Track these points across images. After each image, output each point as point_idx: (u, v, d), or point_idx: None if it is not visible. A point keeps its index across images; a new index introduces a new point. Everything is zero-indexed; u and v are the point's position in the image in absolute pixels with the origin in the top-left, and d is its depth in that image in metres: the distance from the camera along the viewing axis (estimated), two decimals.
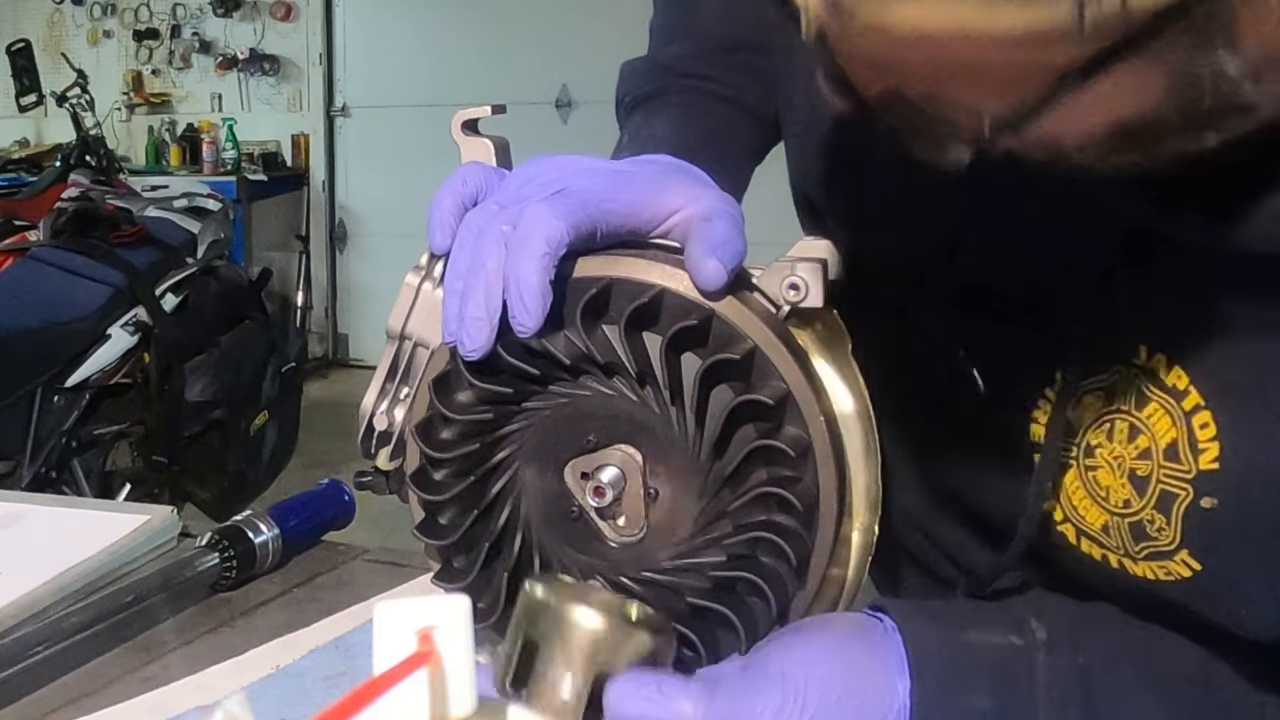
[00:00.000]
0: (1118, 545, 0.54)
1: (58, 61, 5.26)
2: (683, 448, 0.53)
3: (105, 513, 0.97)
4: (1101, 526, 0.54)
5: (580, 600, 0.49)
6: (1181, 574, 0.52)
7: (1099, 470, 0.54)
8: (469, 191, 0.56)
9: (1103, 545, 0.55)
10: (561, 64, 5.57)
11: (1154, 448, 0.52)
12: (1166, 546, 0.52)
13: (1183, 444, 0.51)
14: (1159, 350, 0.51)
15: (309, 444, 3.70)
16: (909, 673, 0.51)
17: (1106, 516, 0.54)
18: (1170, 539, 0.52)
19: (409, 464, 0.56)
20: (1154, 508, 0.52)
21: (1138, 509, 0.53)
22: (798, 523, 0.52)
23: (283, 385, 3.27)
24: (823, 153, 0.65)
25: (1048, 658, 0.52)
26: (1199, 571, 0.51)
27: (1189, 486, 0.51)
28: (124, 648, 0.77)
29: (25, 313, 2.82)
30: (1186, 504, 0.51)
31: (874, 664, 0.51)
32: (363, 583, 0.89)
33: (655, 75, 0.78)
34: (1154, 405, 0.52)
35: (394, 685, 0.34)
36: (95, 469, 2.93)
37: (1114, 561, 0.55)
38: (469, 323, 0.51)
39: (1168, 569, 0.52)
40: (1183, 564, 0.52)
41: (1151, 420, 0.52)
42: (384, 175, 6.03)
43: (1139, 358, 0.52)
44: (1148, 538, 0.53)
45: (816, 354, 0.57)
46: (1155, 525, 0.52)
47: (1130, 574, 0.54)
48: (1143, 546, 0.53)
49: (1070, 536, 0.56)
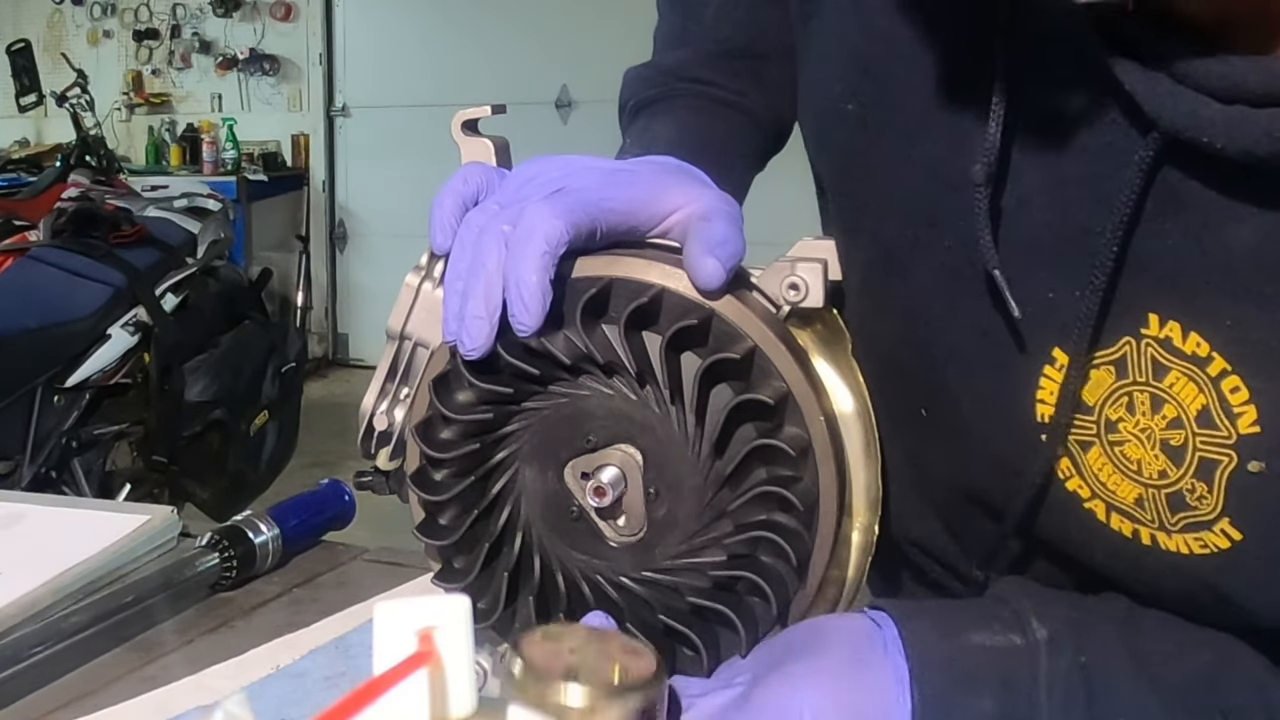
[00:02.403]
0: (1152, 518, 0.53)
1: (58, 61, 5.26)
2: (683, 447, 0.53)
3: (105, 513, 0.96)
4: (1135, 500, 0.54)
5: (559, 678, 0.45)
6: (1219, 545, 0.51)
7: (1126, 444, 0.53)
8: (470, 191, 0.56)
9: (1135, 519, 0.54)
10: (561, 64, 5.57)
11: (1184, 416, 0.51)
12: (1207, 515, 0.51)
13: (1215, 409, 0.50)
14: (1172, 318, 0.51)
15: (309, 444, 3.70)
16: (910, 679, 0.51)
17: (1140, 489, 0.53)
18: (1211, 507, 0.51)
19: (409, 464, 0.56)
20: (1194, 476, 0.51)
21: (1175, 479, 0.52)
22: (798, 522, 0.52)
23: (283, 385, 3.27)
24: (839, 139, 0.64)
25: (1050, 659, 0.52)
26: (1238, 542, 0.51)
27: (1232, 452, 0.50)
28: (124, 648, 0.77)
29: (25, 313, 2.82)
30: (1231, 469, 0.50)
31: (874, 693, 0.51)
32: (363, 583, 0.89)
33: (658, 80, 0.78)
34: (1175, 373, 0.51)
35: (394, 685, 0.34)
36: (95, 469, 2.93)
37: (1145, 537, 0.54)
38: (469, 322, 0.51)
39: (1204, 540, 0.52)
40: (1222, 534, 0.51)
41: (1175, 389, 0.51)
42: (384, 175, 6.03)
43: (1149, 327, 0.51)
44: (1186, 507, 0.52)
45: (816, 354, 0.57)
46: (1196, 494, 0.51)
47: (1162, 549, 0.53)
48: (1180, 517, 0.52)
49: (1100, 514, 0.55)
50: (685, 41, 0.79)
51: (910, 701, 0.51)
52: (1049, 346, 0.54)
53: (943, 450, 0.62)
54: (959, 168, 0.54)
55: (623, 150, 0.72)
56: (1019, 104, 0.52)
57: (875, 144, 0.60)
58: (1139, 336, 0.52)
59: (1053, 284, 0.53)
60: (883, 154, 0.60)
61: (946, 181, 0.56)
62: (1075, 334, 0.52)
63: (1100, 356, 0.53)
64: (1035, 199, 0.54)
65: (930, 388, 0.61)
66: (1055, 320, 0.54)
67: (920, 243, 0.58)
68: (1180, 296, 0.50)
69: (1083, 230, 0.52)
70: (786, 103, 0.75)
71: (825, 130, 0.65)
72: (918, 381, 0.61)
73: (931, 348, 0.59)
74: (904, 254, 0.59)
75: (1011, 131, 0.53)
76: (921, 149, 0.58)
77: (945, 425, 0.61)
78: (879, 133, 0.60)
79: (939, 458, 0.63)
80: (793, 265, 0.55)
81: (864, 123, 0.60)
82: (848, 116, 0.61)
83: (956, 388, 0.59)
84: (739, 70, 0.77)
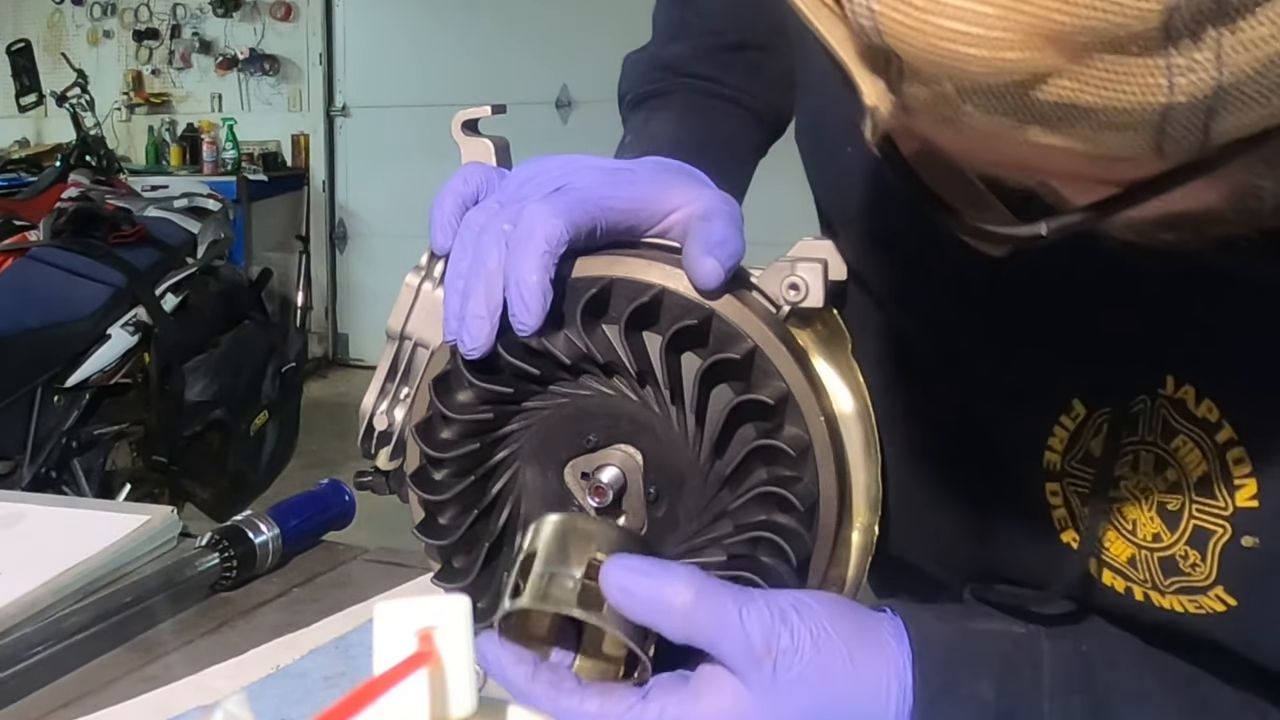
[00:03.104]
0: (1145, 578, 0.52)
1: (58, 61, 5.26)
2: (683, 447, 0.53)
3: (105, 513, 0.96)
4: (1128, 559, 0.53)
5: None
6: (1214, 609, 0.51)
7: (1125, 502, 0.52)
8: (470, 191, 0.56)
9: (1128, 578, 0.53)
10: (561, 64, 5.57)
11: (1184, 481, 0.50)
12: (1200, 582, 0.50)
13: (1216, 479, 0.49)
14: (1187, 381, 0.50)
15: (309, 444, 3.70)
16: (910, 658, 0.51)
17: (1133, 550, 0.52)
18: (1205, 575, 0.50)
19: (409, 464, 0.56)
20: (1187, 543, 0.50)
21: (1169, 543, 0.51)
22: (798, 522, 0.52)
23: (283, 385, 3.27)
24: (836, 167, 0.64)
25: (1052, 645, 0.52)
26: (1234, 607, 0.50)
27: (1227, 524, 0.49)
28: (124, 648, 0.77)
29: (25, 313, 2.82)
30: (1224, 541, 0.49)
31: (874, 668, 0.50)
32: (363, 583, 0.89)
33: (657, 74, 0.78)
34: (1182, 437, 0.50)
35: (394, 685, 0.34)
36: (95, 469, 2.93)
37: (1139, 594, 0.53)
38: (470, 321, 0.51)
39: (1199, 603, 0.51)
40: (1216, 599, 0.50)
41: (1180, 453, 0.50)
42: (384, 175, 6.02)
43: (1165, 388, 0.51)
44: (1179, 573, 0.51)
45: (816, 354, 0.57)
46: (1189, 561, 0.50)
47: (1156, 606, 0.53)
48: (1173, 581, 0.51)
49: (1091, 569, 0.54)
50: (684, 33, 0.79)
51: (912, 676, 0.50)
52: (1070, 396, 0.54)
53: (941, 484, 0.62)
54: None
55: (622, 146, 0.72)
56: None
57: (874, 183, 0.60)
58: (1155, 396, 0.51)
59: (1081, 331, 0.53)
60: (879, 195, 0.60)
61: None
62: (1098, 387, 0.52)
63: (1114, 412, 0.53)
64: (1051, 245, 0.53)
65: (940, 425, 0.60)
66: (1080, 370, 0.53)
67: (934, 273, 0.58)
68: (1200, 359, 0.50)
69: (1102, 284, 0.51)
70: (785, 95, 0.75)
71: (825, 165, 0.66)
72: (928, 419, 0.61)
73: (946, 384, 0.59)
74: (913, 285, 0.59)
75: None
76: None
77: (948, 459, 0.61)
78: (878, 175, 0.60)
79: (937, 491, 0.63)
80: (793, 265, 0.55)
81: (863, 169, 0.60)
82: (848, 160, 0.61)
83: (968, 424, 0.59)
84: (737, 64, 0.77)
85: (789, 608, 0.49)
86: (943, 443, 0.62)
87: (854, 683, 0.49)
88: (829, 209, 0.68)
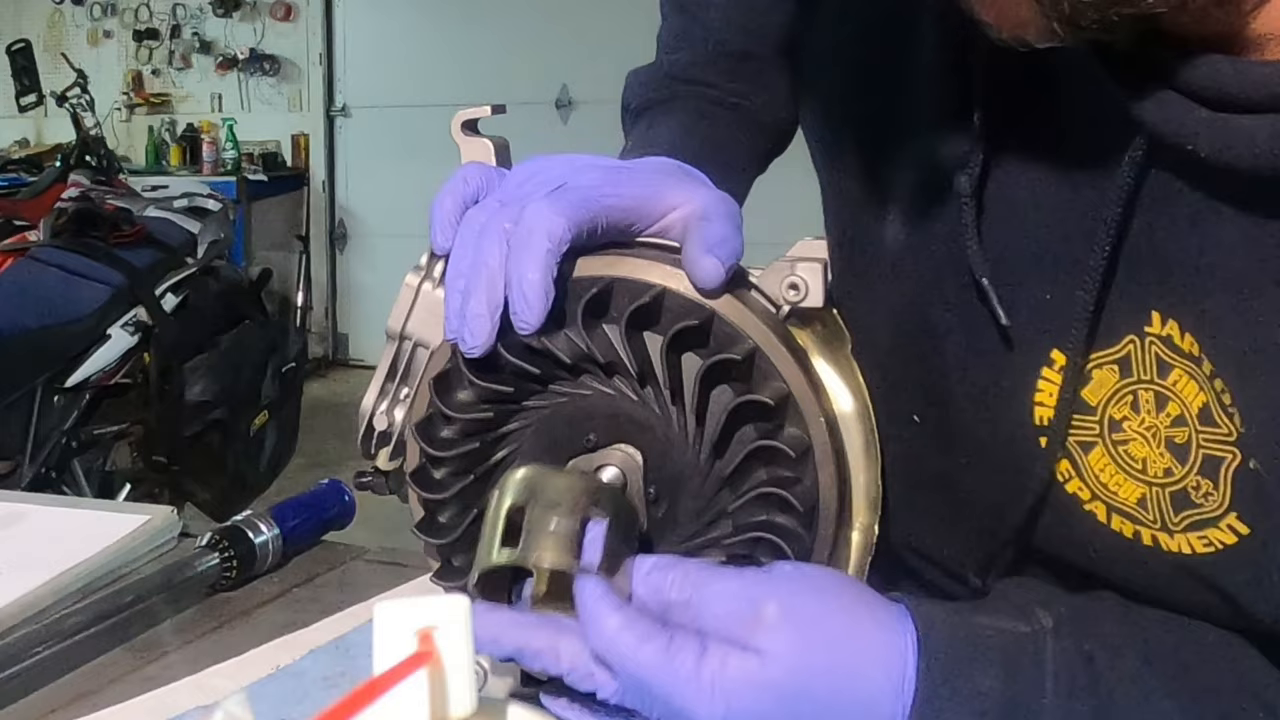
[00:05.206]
0: (1154, 519, 0.53)
1: (58, 61, 5.25)
2: (683, 448, 0.53)
3: (105, 513, 0.96)
4: (1138, 500, 0.53)
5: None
6: (1225, 541, 0.51)
7: (1131, 443, 0.53)
8: (470, 191, 0.56)
9: (1137, 520, 0.54)
10: (561, 64, 5.57)
11: (1186, 414, 0.51)
12: (1213, 512, 0.51)
13: (1215, 407, 0.50)
14: (1171, 316, 0.50)
15: (309, 444, 3.70)
16: (915, 646, 0.50)
17: (1144, 489, 0.53)
18: (1218, 503, 0.51)
19: (409, 462, 0.56)
20: (1199, 473, 0.51)
21: (1180, 476, 0.52)
22: (798, 523, 0.52)
23: (283, 385, 3.27)
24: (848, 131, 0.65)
25: (1055, 643, 0.52)
26: (1245, 536, 0.50)
27: (1235, 449, 0.50)
28: (124, 648, 0.77)
29: (25, 313, 2.82)
30: (1235, 466, 0.50)
31: (876, 650, 0.50)
32: (363, 583, 0.89)
33: (660, 83, 0.78)
34: (1178, 371, 0.51)
35: (394, 685, 0.34)
36: (95, 469, 2.94)
37: (1146, 538, 0.54)
38: (471, 319, 0.51)
39: (1208, 538, 0.51)
40: (1228, 529, 0.51)
41: (1178, 387, 0.51)
42: (384, 175, 6.03)
43: (1152, 325, 0.51)
44: (1191, 505, 0.52)
45: (816, 354, 0.57)
46: (1201, 490, 0.51)
47: (1164, 550, 0.53)
48: (1184, 516, 0.52)
49: (1100, 515, 0.55)
50: (688, 43, 0.79)
51: (915, 662, 0.50)
52: (1046, 349, 0.54)
53: (941, 456, 0.62)
54: (945, 176, 0.54)
55: (625, 152, 0.72)
56: (1003, 109, 0.52)
57: (872, 152, 0.60)
58: (1143, 335, 0.52)
59: (1048, 287, 0.53)
60: (877, 160, 0.60)
61: (935, 189, 0.56)
62: (1072, 335, 0.52)
63: (1102, 356, 0.53)
64: (1025, 203, 0.54)
65: (927, 393, 0.60)
66: (1052, 322, 0.53)
67: (912, 245, 0.58)
68: (1175, 296, 0.50)
69: (1074, 232, 0.52)
70: (789, 105, 0.75)
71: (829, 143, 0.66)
72: (915, 387, 0.61)
73: (928, 353, 0.59)
74: (897, 257, 0.60)
75: (997, 138, 0.53)
76: (911, 154, 0.58)
77: (943, 431, 0.61)
78: (876, 145, 0.60)
79: (937, 463, 0.63)
80: (793, 265, 0.55)
81: (860, 140, 0.61)
82: (845, 136, 0.62)
83: (954, 393, 0.59)
84: (741, 73, 0.77)
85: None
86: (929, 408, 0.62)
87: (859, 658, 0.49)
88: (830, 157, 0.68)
